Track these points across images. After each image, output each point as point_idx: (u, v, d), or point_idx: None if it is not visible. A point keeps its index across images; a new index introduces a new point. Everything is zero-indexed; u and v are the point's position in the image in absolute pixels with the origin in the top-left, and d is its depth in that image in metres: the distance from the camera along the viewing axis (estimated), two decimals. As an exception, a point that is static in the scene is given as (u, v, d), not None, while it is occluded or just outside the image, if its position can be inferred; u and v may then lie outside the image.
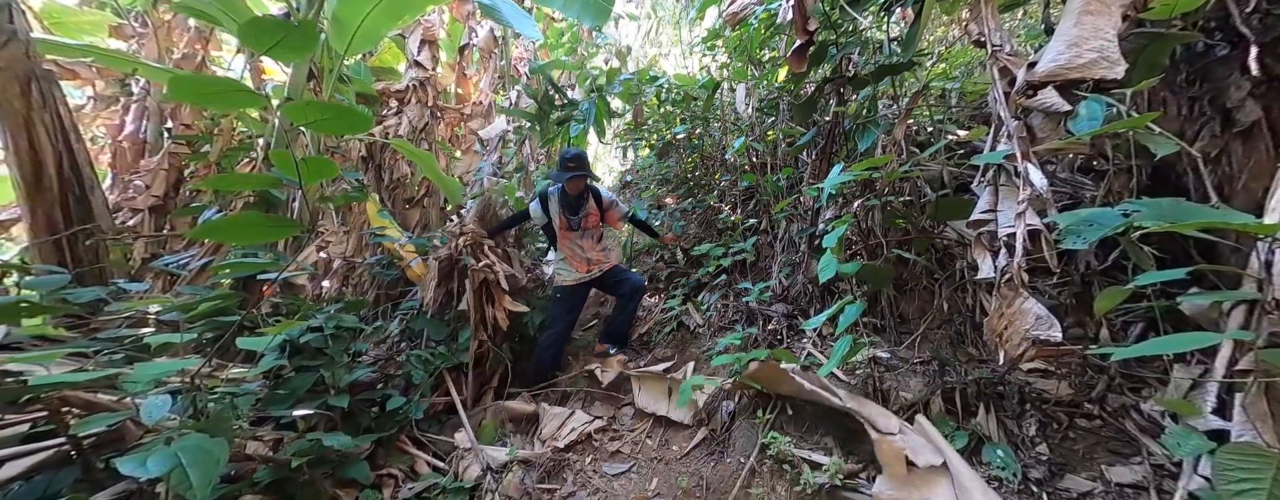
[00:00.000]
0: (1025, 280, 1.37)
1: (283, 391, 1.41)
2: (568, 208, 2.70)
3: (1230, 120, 1.35)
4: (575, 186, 2.63)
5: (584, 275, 2.78)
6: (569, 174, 2.56)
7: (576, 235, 2.76)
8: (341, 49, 2.85)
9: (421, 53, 3.81)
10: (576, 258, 2.77)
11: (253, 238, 1.13)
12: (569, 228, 2.72)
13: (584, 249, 2.79)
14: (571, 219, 2.70)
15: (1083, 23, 1.34)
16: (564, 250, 2.77)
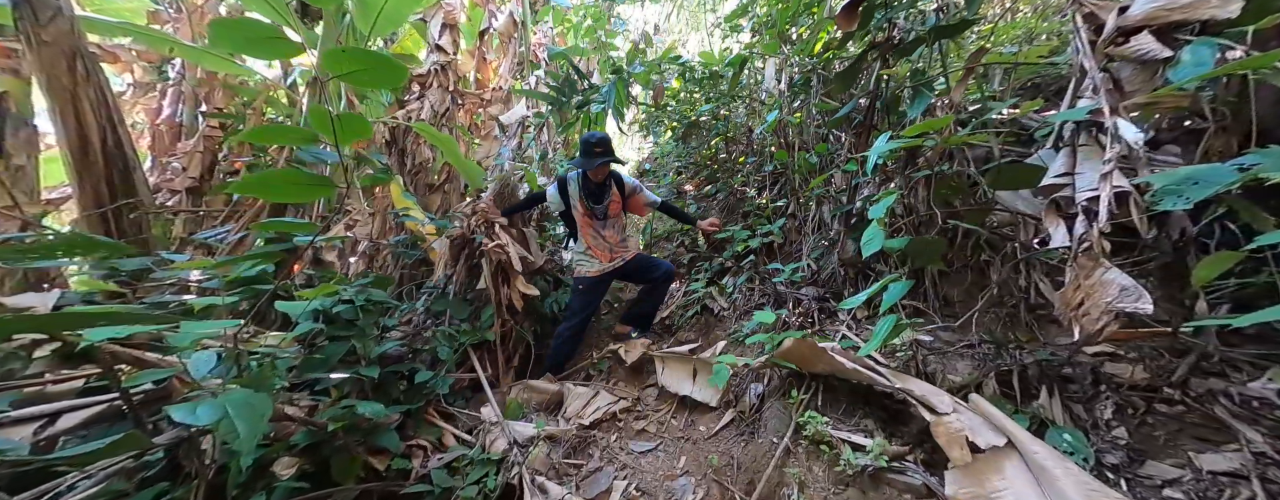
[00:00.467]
0: (1106, 249, 1.24)
1: (319, 356, 1.40)
2: (590, 195, 2.50)
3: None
4: (600, 173, 2.43)
5: (608, 266, 2.63)
6: (597, 160, 2.33)
7: (599, 224, 2.57)
8: (366, 30, 2.84)
9: (442, 37, 3.79)
10: (600, 247, 2.61)
11: (290, 194, 1.11)
12: (592, 216, 2.53)
13: (607, 239, 2.61)
14: (594, 207, 2.51)
15: (1184, -42, 1.18)
16: (586, 240, 2.59)
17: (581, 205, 2.50)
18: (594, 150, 2.33)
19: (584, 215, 2.53)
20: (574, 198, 2.51)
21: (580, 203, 2.50)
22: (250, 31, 0.91)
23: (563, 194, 2.53)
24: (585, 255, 2.64)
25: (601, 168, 2.40)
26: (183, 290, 1.70)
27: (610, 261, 2.63)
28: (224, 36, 0.92)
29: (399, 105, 3.68)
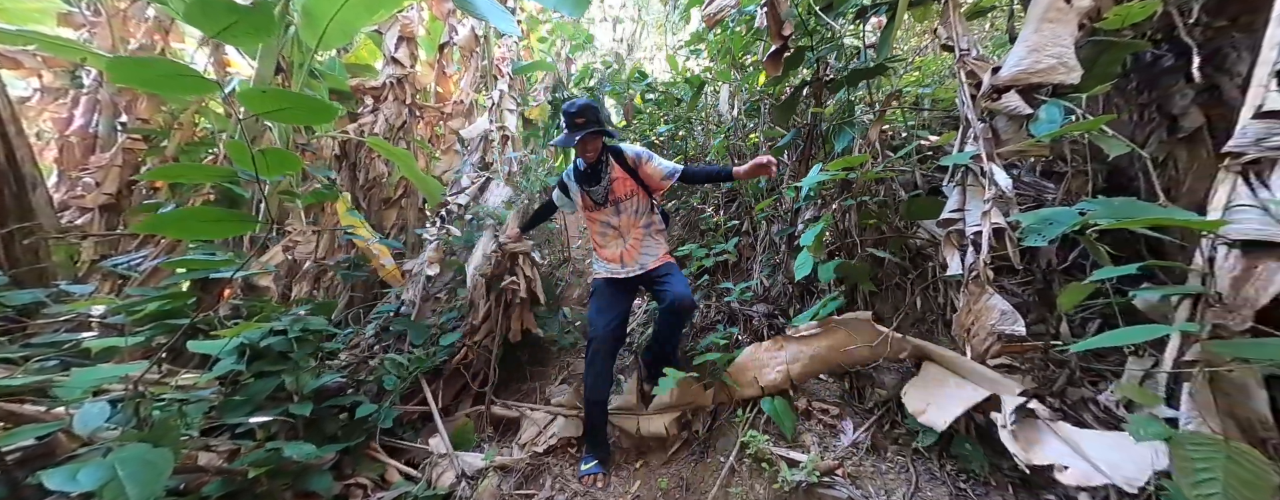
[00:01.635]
0: (990, 277, 1.42)
1: (239, 398, 1.33)
2: (584, 179, 1.98)
3: (1176, 126, 1.43)
4: (590, 148, 1.88)
5: (617, 269, 2.02)
6: (579, 132, 1.80)
7: (607, 213, 2.00)
8: (313, 42, 2.77)
9: (399, 49, 3.74)
10: (609, 245, 2.04)
11: (206, 233, 1.07)
12: (596, 204, 1.99)
13: (619, 229, 1.99)
14: (591, 192, 1.97)
15: (1043, 30, 1.41)
16: (593, 236, 2.12)
17: (582, 196, 2.02)
18: (575, 121, 1.81)
19: (587, 207, 2.04)
20: (575, 190, 2.05)
21: (580, 194, 2.02)
22: (155, 70, 0.86)
23: (566, 192, 2.11)
24: (597, 261, 2.15)
25: (588, 141, 1.84)
26: (81, 327, 1.55)
27: (617, 263, 2.02)
28: (124, 74, 0.87)
29: (351, 118, 3.58)
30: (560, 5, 3.03)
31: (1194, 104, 1.40)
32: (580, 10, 3.11)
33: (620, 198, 1.97)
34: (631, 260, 2.02)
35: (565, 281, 4.47)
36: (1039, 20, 1.39)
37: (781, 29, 2.03)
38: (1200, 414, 0.95)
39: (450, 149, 4.48)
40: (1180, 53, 1.41)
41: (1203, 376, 0.96)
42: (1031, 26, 1.40)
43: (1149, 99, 1.48)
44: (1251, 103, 1.07)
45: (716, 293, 2.94)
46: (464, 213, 3.42)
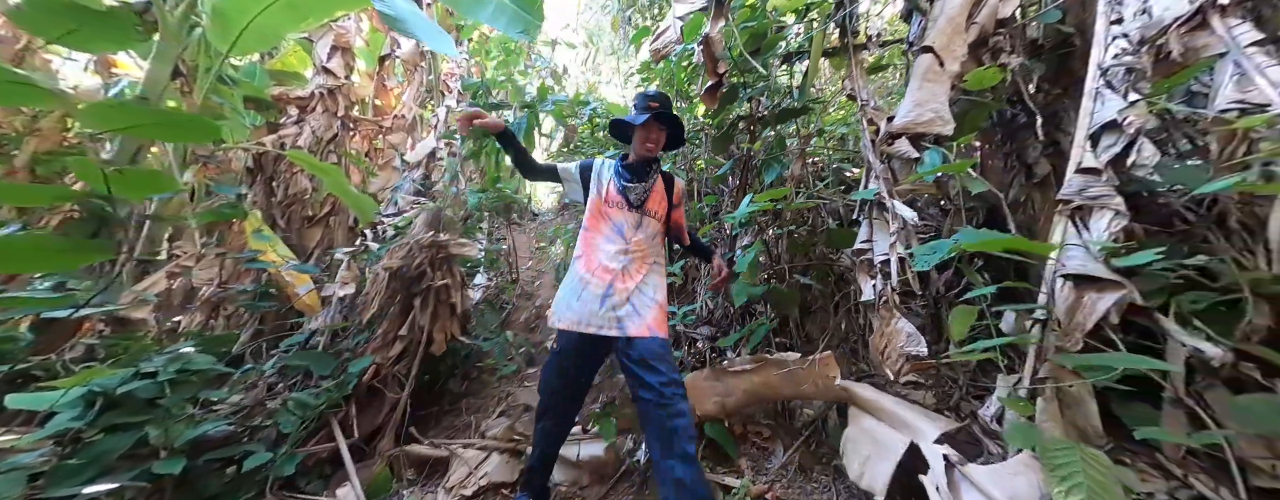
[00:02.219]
0: (898, 302, 1.58)
1: (76, 461, 1.09)
2: (625, 173, 1.64)
3: (1031, 173, 1.71)
4: (653, 139, 1.57)
5: (592, 308, 1.50)
6: (646, 114, 1.53)
7: (629, 217, 1.59)
8: (224, 46, 2.55)
9: (332, 59, 3.54)
10: (602, 249, 1.56)
11: (50, 264, 0.90)
12: (625, 203, 1.59)
13: (625, 244, 1.57)
14: (629, 188, 1.60)
15: (924, 88, 1.64)
16: (587, 242, 1.60)
17: (609, 185, 1.61)
18: (650, 105, 1.56)
19: (604, 201, 1.60)
20: (601, 181, 1.64)
21: (609, 182, 1.62)
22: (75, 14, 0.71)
23: (585, 174, 1.69)
24: (573, 277, 1.58)
25: (657, 131, 1.56)
26: None
27: (605, 292, 1.50)
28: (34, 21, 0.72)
29: (269, 129, 3.29)
30: (510, 28, 3.05)
31: (1042, 155, 1.69)
32: (531, 34, 3.15)
33: (649, 211, 1.63)
34: (624, 289, 1.51)
35: (512, 304, 4.32)
36: (920, 79, 1.62)
37: (716, 66, 2.19)
38: (1052, 425, 1.10)
39: (388, 164, 4.25)
40: (1030, 112, 1.70)
41: (1051, 390, 1.11)
42: (915, 84, 1.63)
43: (1010, 149, 1.76)
44: (1074, 159, 1.31)
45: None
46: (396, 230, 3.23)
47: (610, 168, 1.70)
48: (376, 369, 2.38)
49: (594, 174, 1.69)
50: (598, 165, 1.71)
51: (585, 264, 1.59)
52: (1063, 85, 1.68)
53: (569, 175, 1.73)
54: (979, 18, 1.69)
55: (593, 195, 1.66)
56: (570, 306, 1.55)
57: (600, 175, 1.69)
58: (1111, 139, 1.28)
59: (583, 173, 1.71)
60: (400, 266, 2.49)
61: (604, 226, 1.62)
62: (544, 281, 4.77)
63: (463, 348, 3.01)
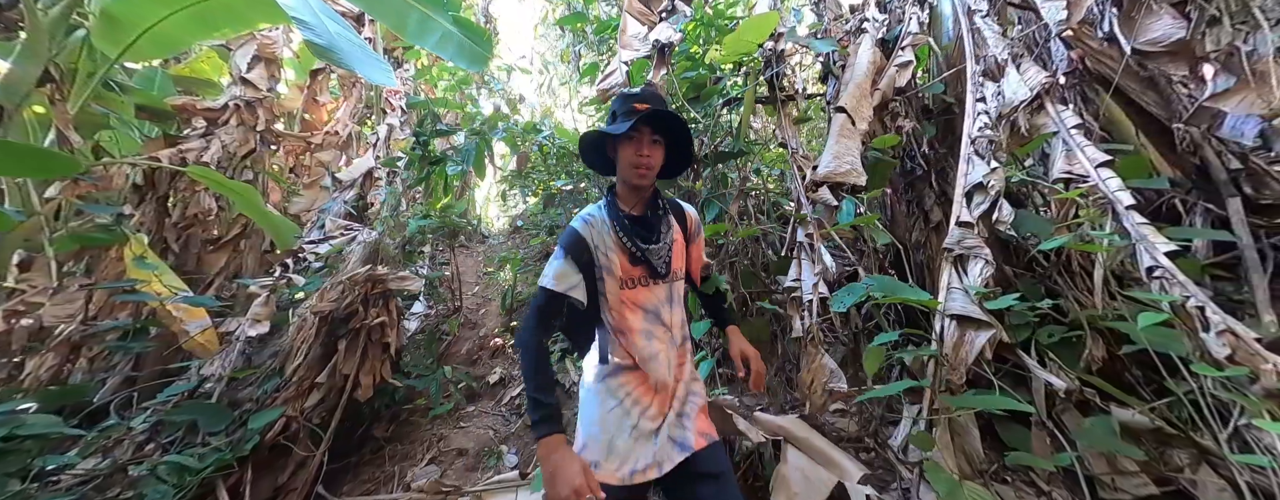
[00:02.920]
0: (822, 338, 1.71)
1: None
2: (634, 231, 1.10)
3: (928, 219, 1.96)
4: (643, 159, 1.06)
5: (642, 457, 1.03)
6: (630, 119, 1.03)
7: (659, 294, 1.12)
8: (113, 50, 2.27)
9: (253, 70, 3.27)
10: (645, 355, 1.09)
11: None
12: (651, 275, 1.10)
13: (667, 329, 1.13)
14: (651, 251, 1.09)
15: (840, 142, 1.86)
16: (625, 342, 1.10)
17: (619, 254, 1.08)
18: (636, 106, 1.06)
19: (624, 280, 1.09)
20: (607, 255, 1.09)
21: (618, 250, 1.08)
22: None
23: (577, 257, 1.07)
24: (607, 406, 1.08)
25: (645, 142, 1.06)
26: None
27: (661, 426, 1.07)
28: None
29: (168, 141, 2.93)
30: (457, 58, 3.03)
31: (936, 204, 1.96)
32: (480, 65, 3.14)
33: (677, 272, 1.14)
34: (681, 398, 1.10)
35: (452, 336, 4.06)
36: (836, 135, 1.84)
37: (659, 111, 2.32)
38: (946, 454, 1.24)
39: (315, 183, 3.93)
40: (925, 168, 1.98)
41: (943, 423, 1.25)
42: (832, 139, 1.84)
43: (911, 198, 2.03)
44: (955, 213, 1.54)
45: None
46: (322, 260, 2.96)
47: (604, 227, 1.09)
48: (285, 422, 2.11)
49: (591, 249, 1.07)
50: (586, 234, 1.08)
51: (628, 385, 1.07)
52: (949, 145, 1.99)
53: (566, 279, 1.04)
54: (881, 85, 1.97)
55: (607, 283, 1.07)
56: (613, 450, 1.02)
57: (599, 247, 1.08)
58: (981, 198, 1.52)
59: (577, 258, 1.06)
60: (331, 309, 2.27)
61: (635, 320, 1.08)
62: (489, 309, 4.56)
63: (391, 388, 2.76)
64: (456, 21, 2.96)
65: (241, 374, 2.25)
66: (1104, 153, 1.42)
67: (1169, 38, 1.43)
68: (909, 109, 2.03)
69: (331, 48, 1.66)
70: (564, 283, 1.03)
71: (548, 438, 0.90)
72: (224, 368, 2.20)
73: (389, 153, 3.87)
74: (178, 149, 2.91)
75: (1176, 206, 1.61)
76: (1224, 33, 1.36)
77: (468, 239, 6.85)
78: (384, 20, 2.82)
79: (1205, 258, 1.51)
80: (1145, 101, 1.68)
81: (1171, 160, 1.65)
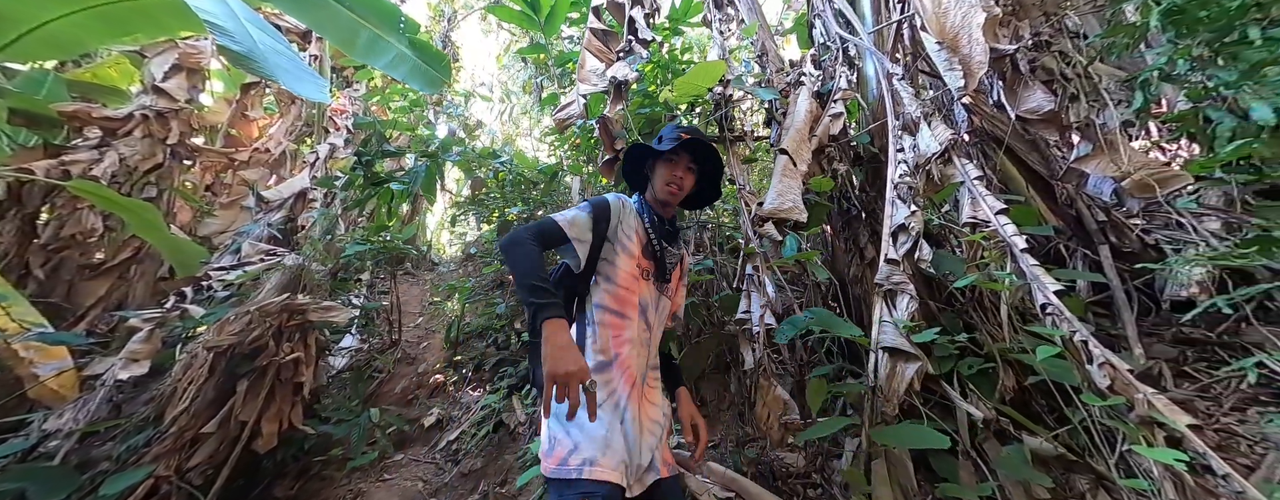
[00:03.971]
0: (773, 369, 1.74)
1: None
2: (660, 228, 1.16)
3: (863, 255, 2.12)
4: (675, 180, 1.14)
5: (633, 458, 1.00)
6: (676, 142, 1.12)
7: (644, 295, 1.12)
8: (-6, 51, 2.01)
9: (171, 79, 3.00)
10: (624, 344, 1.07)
11: None
12: (656, 267, 1.14)
13: (649, 331, 1.14)
14: (661, 249, 1.15)
15: (783, 181, 1.99)
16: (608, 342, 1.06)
17: (638, 240, 1.11)
18: (682, 135, 1.14)
19: (631, 269, 1.09)
20: (628, 226, 1.11)
21: (638, 236, 1.11)
22: None
23: (601, 221, 1.09)
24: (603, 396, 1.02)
25: (682, 167, 1.14)
26: None
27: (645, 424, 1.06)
28: None
29: (48, 151, 2.56)
30: (411, 80, 2.98)
31: (869, 242, 2.12)
32: (435, 88, 3.11)
33: (669, 292, 1.19)
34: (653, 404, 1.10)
35: (385, 373, 3.70)
36: (780, 175, 1.98)
37: (613, 143, 2.39)
38: (884, 489, 1.27)
39: (235, 203, 3.57)
40: (858, 208, 2.16)
41: (881, 457, 1.29)
42: (776, 177, 1.97)
43: (848, 235, 2.19)
44: (884, 251, 1.68)
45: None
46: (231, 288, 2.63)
47: (633, 213, 1.13)
48: (154, 484, 1.77)
49: (613, 219, 1.07)
50: (615, 206, 1.09)
51: (622, 373, 1.03)
52: (877, 189, 2.19)
53: (577, 227, 1.04)
54: (818, 131, 2.16)
55: (619, 260, 1.06)
56: (611, 447, 0.95)
57: (625, 221, 1.09)
58: (904, 238, 1.67)
59: (597, 218, 1.06)
60: (232, 344, 1.99)
61: (631, 308, 1.07)
62: (432, 343, 4.24)
63: (301, 437, 2.43)
64: (413, 44, 2.93)
65: (100, 427, 1.89)
66: (1001, 202, 1.63)
67: (1042, 109, 1.71)
68: (843, 155, 2.23)
69: (251, 56, 1.55)
70: (574, 229, 1.05)
71: (552, 320, 0.88)
72: (77, 419, 1.84)
73: (328, 173, 3.62)
74: (59, 161, 2.55)
75: (1061, 251, 1.86)
76: (1082, 108, 1.65)
77: (415, 266, 6.45)
78: (330, 38, 2.73)
79: (1086, 297, 1.73)
80: (1031, 160, 1.97)
81: (1055, 211, 1.92)
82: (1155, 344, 1.62)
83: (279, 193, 3.53)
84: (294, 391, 2.20)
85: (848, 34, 2.35)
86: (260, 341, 2.03)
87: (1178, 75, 1.38)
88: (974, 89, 1.81)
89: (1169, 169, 1.51)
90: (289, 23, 3.25)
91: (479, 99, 5.30)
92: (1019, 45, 1.70)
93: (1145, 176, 1.47)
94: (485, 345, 3.92)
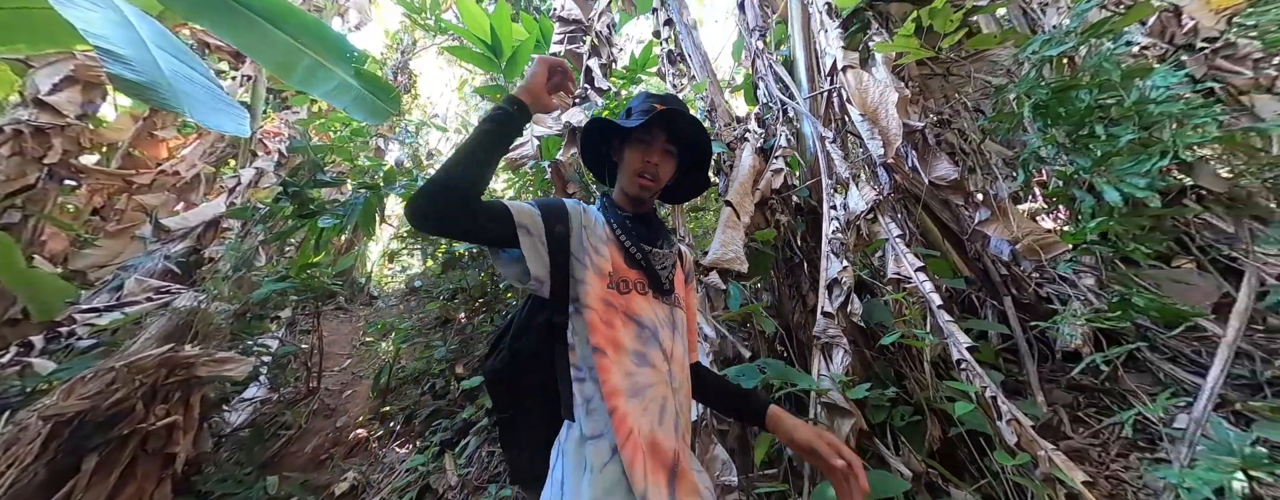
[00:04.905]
0: (715, 426, 1.72)
1: None
2: (634, 230, 0.90)
3: (806, 303, 2.22)
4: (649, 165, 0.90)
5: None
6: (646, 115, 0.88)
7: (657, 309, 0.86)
8: None
9: (60, 92, 2.67)
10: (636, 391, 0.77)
11: None
12: (645, 281, 0.87)
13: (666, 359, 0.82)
14: (644, 253, 0.88)
15: (726, 233, 2.08)
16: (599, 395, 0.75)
17: (612, 248, 0.88)
18: (656, 106, 0.90)
19: (614, 274, 0.85)
20: (594, 237, 0.87)
21: (611, 244, 0.88)
22: None
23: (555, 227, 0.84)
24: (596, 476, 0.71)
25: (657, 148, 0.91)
26: None
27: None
28: None
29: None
30: (355, 110, 2.86)
31: (810, 290, 2.24)
32: (380, 119, 3.00)
33: (678, 300, 0.91)
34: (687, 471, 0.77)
35: (296, 429, 3.25)
36: (724, 226, 2.06)
37: (565, 187, 2.40)
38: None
39: (125, 231, 3.14)
40: (800, 257, 2.29)
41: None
42: (720, 229, 2.06)
43: (791, 283, 2.30)
44: (820, 305, 1.77)
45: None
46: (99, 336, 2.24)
47: (597, 220, 0.90)
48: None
49: (570, 222, 0.85)
50: (572, 209, 0.87)
51: (622, 436, 0.72)
52: (817, 239, 2.35)
53: (523, 214, 0.81)
54: (760, 185, 2.31)
55: (587, 281, 0.81)
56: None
57: (591, 230, 0.86)
58: (838, 291, 1.78)
59: (546, 217, 0.84)
60: (81, 411, 1.65)
61: (625, 335, 0.80)
62: (357, 390, 3.82)
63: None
64: (358, 74, 2.84)
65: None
66: (920, 258, 1.80)
67: (949, 177, 1.96)
68: (784, 207, 2.39)
69: (152, 86, 1.38)
70: (520, 214, 0.80)
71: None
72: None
73: (249, 201, 3.30)
74: (-113, 180, 2.13)
75: (974, 300, 2.07)
76: (979, 178, 1.90)
77: (349, 300, 5.91)
78: (265, 63, 2.59)
79: (996, 345, 1.92)
80: (945, 218, 2.21)
81: (967, 264, 2.15)
82: (1054, 390, 1.80)
83: (185, 221, 3.15)
84: (164, 465, 1.85)
85: (786, 98, 2.59)
86: (124, 404, 1.70)
87: (1047, 158, 1.65)
88: (893, 156, 2.04)
89: (1052, 235, 1.75)
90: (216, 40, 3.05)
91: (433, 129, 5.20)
92: (926, 122, 1.95)
93: (1032, 241, 1.69)
94: (420, 392, 3.60)
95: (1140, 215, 1.46)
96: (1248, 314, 1.46)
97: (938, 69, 2.20)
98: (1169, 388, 1.51)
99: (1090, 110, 1.44)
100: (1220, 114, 1.43)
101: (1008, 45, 1.98)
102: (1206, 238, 1.66)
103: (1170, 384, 1.53)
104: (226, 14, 2.24)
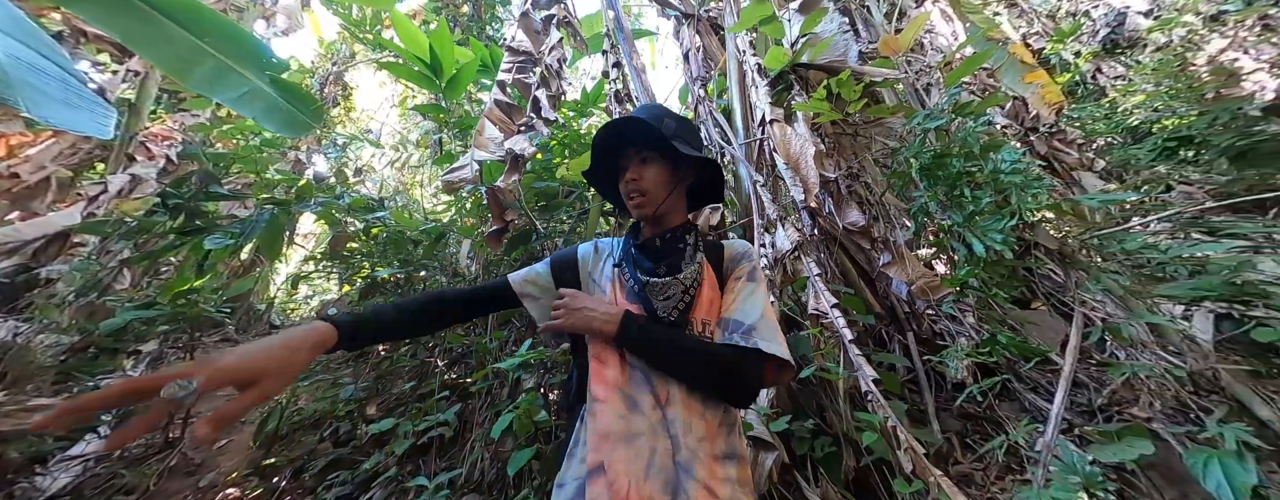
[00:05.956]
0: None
1: None
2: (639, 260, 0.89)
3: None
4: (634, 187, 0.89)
5: None
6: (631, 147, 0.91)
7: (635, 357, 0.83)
8: None
9: None
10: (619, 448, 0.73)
11: None
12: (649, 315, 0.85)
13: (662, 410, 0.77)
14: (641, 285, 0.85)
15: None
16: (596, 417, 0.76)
17: (615, 286, 0.88)
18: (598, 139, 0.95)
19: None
20: (601, 276, 0.91)
21: (614, 281, 0.88)
22: None
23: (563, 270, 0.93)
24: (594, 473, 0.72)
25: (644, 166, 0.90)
26: None
27: None
28: None
29: None
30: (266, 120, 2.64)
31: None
32: (299, 132, 2.79)
33: (695, 323, 0.85)
34: None
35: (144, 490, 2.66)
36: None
37: (502, 213, 2.37)
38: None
39: (-76, 244, 2.52)
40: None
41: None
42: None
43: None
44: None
45: (416, 489, 2.37)
46: None
47: (608, 251, 0.93)
48: None
49: (579, 269, 0.90)
50: (583, 254, 0.93)
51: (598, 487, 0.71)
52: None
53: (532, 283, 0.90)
54: (700, 222, 2.46)
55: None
56: None
57: (601, 268, 0.90)
58: (765, 327, 1.91)
59: (557, 271, 0.90)
60: None
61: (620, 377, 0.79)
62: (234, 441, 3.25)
63: None
64: (275, 82, 2.64)
65: None
66: (837, 295, 2.00)
67: (858, 223, 2.24)
68: (720, 243, 2.55)
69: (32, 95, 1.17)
70: (527, 283, 0.91)
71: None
72: None
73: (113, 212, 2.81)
74: None
75: (883, 335, 2.31)
76: (882, 226, 2.19)
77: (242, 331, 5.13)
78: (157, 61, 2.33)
79: (903, 376, 2.14)
80: (860, 260, 2.49)
81: (878, 301, 2.41)
82: (948, 418, 2.03)
83: (17, 233, 2.61)
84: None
85: (724, 143, 2.83)
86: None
87: (932, 212, 1.97)
88: (814, 201, 2.29)
89: (938, 279, 2.05)
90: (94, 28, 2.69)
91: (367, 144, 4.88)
92: (839, 173, 2.23)
93: (923, 283, 1.96)
94: (318, 439, 3.15)
95: (1000, 265, 1.77)
96: (1077, 350, 1.79)
97: (848, 129, 2.56)
98: (1031, 415, 1.78)
99: (960, 175, 1.76)
100: (1052, 186, 1.81)
101: (900, 115, 2.36)
102: (1047, 285, 2.06)
103: (1032, 411, 1.80)
104: (110, 1, 2.01)
